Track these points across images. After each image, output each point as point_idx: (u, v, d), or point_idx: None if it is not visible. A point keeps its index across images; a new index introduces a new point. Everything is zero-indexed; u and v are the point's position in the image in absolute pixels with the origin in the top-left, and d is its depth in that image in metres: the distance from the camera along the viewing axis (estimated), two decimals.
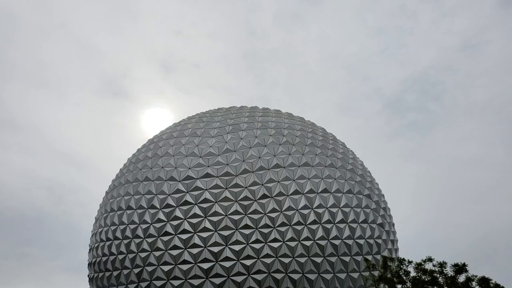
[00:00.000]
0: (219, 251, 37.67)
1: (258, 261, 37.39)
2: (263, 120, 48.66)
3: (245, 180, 41.07)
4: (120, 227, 42.12)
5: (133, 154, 51.93)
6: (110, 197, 46.80)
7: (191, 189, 40.95)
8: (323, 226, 39.42)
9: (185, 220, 39.34)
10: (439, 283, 26.57)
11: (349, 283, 39.03)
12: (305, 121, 52.92)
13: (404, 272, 27.59)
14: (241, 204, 39.58)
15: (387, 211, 47.92)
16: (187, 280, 37.39)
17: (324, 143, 47.30)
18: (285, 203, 39.61)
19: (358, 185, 44.63)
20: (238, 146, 44.11)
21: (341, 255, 39.26)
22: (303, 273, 37.71)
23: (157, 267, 38.47)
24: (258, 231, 38.42)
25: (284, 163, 42.55)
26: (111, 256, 41.76)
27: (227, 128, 47.08)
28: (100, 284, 43.08)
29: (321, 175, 42.61)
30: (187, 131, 48.29)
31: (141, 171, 45.48)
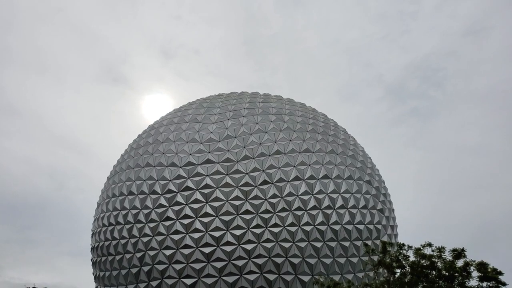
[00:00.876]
0: (220, 236, 38.08)
1: (258, 246, 37.84)
2: (264, 106, 48.56)
3: (246, 166, 41.23)
4: (122, 212, 42.50)
5: (134, 140, 52.03)
6: (112, 183, 47.09)
7: (192, 175, 41.16)
8: (323, 212, 39.76)
9: (186, 205, 39.66)
10: (437, 267, 26.88)
11: (349, 268, 39.57)
12: (306, 107, 52.79)
13: (403, 257, 27.89)
14: (242, 190, 39.83)
15: (387, 197, 48.25)
16: (189, 264, 37.91)
17: (325, 129, 47.30)
18: (286, 189, 39.86)
19: (358, 171, 44.82)
20: (239, 132, 44.13)
21: (340, 240, 39.70)
22: (303, 257, 38.19)
23: (159, 252, 38.95)
24: (258, 216, 38.77)
25: (284, 149, 42.64)
26: (114, 241, 42.25)
27: (227, 114, 47.03)
28: (103, 268, 43.72)
29: (321, 161, 42.75)
30: (188, 117, 48.25)
31: (142, 156, 45.64)
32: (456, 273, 26.20)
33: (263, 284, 37.37)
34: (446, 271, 26.66)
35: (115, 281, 42.09)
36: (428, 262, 27.11)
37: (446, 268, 26.66)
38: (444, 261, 27.18)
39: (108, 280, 42.95)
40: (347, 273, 39.25)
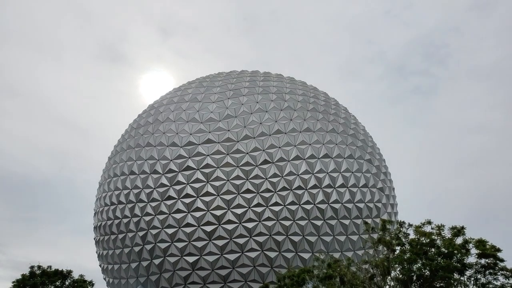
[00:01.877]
0: (222, 215, 38.44)
1: (259, 224, 38.25)
2: (264, 85, 48.12)
3: (247, 146, 41.21)
4: (124, 192, 42.77)
5: (134, 119, 51.85)
6: (113, 163, 47.21)
7: (193, 155, 41.20)
8: (323, 191, 40.00)
9: (187, 184, 39.86)
10: (437, 245, 27.19)
11: (349, 245, 40.11)
12: (307, 85, 52.33)
13: (403, 235, 28.19)
14: (242, 170, 39.95)
15: (387, 175, 48.44)
16: (191, 242, 38.42)
17: (326, 108, 47.03)
18: (286, 169, 39.97)
19: (359, 150, 44.82)
20: (239, 112, 43.90)
21: (340, 218, 40.08)
22: (303, 235, 38.67)
23: (161, 230, 39.41)
24: (259, 195, 39.02)
25: (285, 129, 42.51)
26: (116, 220, 42.70)
27: (227, 93, 46.66)
28: (106, 247, 44.36)
29: (322, 140, 42.69)
30: (188, 96, 47.91)
31: (142, 136, 45.58)
32: (455, 251, 26.54)
33: (264, 261, 37.98)
34: (445, 248, 26.99)
35: (118, 259, 42.79)
36: (427, 240, 27.43)
37: (445, 246, 26.99)
38: (444, 239, 27.49)
39: (112, 258, 43.65)
40: (347, 251, 39.80)
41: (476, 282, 26.28)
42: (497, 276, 25.92)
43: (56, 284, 29.23)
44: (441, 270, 25.55)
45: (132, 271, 41.45)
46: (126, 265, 41.94)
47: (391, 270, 27.44)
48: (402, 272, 26.76)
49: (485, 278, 26.21)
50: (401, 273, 26.89)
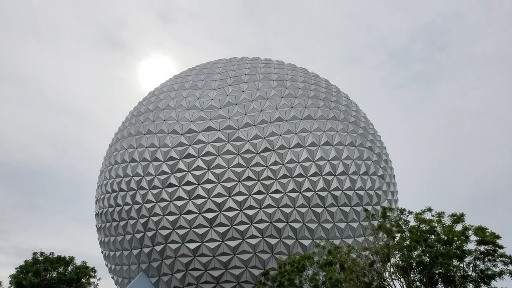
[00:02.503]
0: (223, 202, 38.62)
1: (260, 211, 38.45)
2: (265, 72, 47.80)
3: (247, 133, 41.15)
4: (125, 179, 42.90)
5: (135, 107, 51.69)
6: (114, 150, 47.24)
7: (193, 142, 41.17)
8: (324, 178, 40.08)
9: (188, 172, 39.94)
10: (436, 232, 27.34)
11: (349, 232, 40.38)
12: (308, 72, 51.97)
13: (403, 222, 28.32)
14: (243, 157, 39.97)
15: (388, 163, 48.48)
16: (192, 229, 38.68)
17: (327, 95, 46.80)
18: (287, 156, 39.99)
19: (360, 138, 44.77)
20: (240, 99, 43.70)
21: (341, 205, 40.26)
22: (303, 222, 38.90)
23: (162, 217, 39.64)
24: (260, 183, 39.13)
25: (286, 116, 42.38)
26: (117, 207, 42.93)
27: (228, 80, 46.39)
28: (108, 233, 44.70)
29: (323, 128, 42.60)
30: (188, 83, 47.65)
31: (143, 124, 45.50)
32: (455, 238, 26.70)
33: (264, 248, 38.30)
34: (445, 235, 27.16)
35: (120, 246, 43.16)
36: (427, 227, 27.57)
37: (445, 233, 27.15)
38: (443, 226, 27.63)
39: (113, 245, 44.03)
40: (347, 238, 40.09)
41: (475, 268, 26.51)
42: (496, 262, 26.13)
43: (58, 271, 29.54)
44: (441, 257, 25.75)
45: (133, 257, 41.87)
46: (128, 251, 42.32)
47: (391, 257, 27.66)
48: (402, 259, 26.97)
49: (484, 265, 26.42)
50: (401, 260, 27.12)
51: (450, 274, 26.14)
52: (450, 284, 26.18)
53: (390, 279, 27.35)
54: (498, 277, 25.62)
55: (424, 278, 26.75)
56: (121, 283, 45.85)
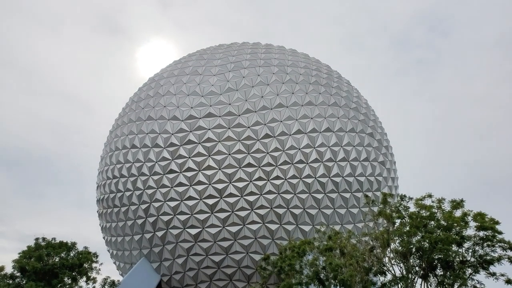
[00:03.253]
0: (223, 188, 38.74)
1: (261, 197, 38.59)
2: (266, 57, 47.37)
3: (248, 119, 41.01)
4: (126, 165, 42.96)
5: (135, 93, 51.42)
6: (114, 136, 47.18)
7: (194, 129, 41.08)
8: (324, 164, 40.10)
9: (189, 158, 39.96)
10: (436, 218, 27.50)
11: (349, 218, 40.60)
12: (310, 58, 51.51)
13: (403, 208, 28.46)
14: (244, 144, 39.93)
15: (389, 149, 48.46)
16: (193, 215, 38.91)
17: (328, 81, 46.47)
18: (288, 143, 39.94)
19: (361, 124, 44.63)
20: (240, 85, 43.42)
21: (341, 191, 40.38)
22: (304, 208, 39.08)
23: (163, 203, 39.83)
24: (260, 169, 39.18)
25: (287, 103, 42.17)
26: (118, 193, 43.09)
27: (228, 66, 46.01)
28: (109, 219, 44.99)
29: (324, 114, 42.43)
30: (188, 69, 47.28)
31: (143, 110, 45.32)
32: (454, 223, 26.87)
33: (265, 233, 38.58)
34: (444, 221, 27.32)
35: (121, 232, 43.49)
36: (427, 213, 27.73)
37: (444, 219, 27.31)
38: (443, 212, 27.78)
39: (115, 230, 44.36)
40: (347, 223, 40.34)
41: (474, 254, 26.76)
42: (495, 248, 26.35)
43: (61, 256, 29.78)
44: (440, 243, 25.95)
45: (135, 243, 42.22)
46: (129, 237, 42.67)
47: (391, 242, 27.88)
48: (401, 244, 27.20)
49: (483, 250, 26.66)
50: (400, 246, 27.35)
51: (449, 260, 26.41)
52: (449, 269, 26.47)
53: (390, 264, 27.63)
54: (496, 262, 25.89)
55: (423, 263, 27.03)
56: (122, 268, 46.37)
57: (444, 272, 26.64)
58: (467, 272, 26.49)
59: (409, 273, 26.52)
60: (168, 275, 41.04)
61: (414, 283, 26.67)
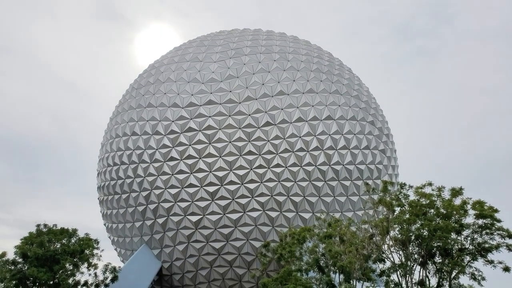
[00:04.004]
0: (224, 176, 38.82)
1: (261, 185, 38.70)
2: (267, 44, 46.93)
3: (249, 107, 40.85)
4: (126, 153, 42.97)
5: (135, 79, 51.13)
6: (115, 123, 47.08)
7: (194, 116, 40.96)
8: (325, 152, 40.10)
9: (190, 146, 39.94)
10: (436, 206, 27.58)
11: (349, 206, 40.77)
12: (311, 45, 51.03)
13: (403, 196, 28.52)
14: (244, 131, 39.86)
15: (389, 137, 48.38)
16: (194, 202, 39.07)
17: (330, 69, 46.13)
18: (288, 130, 39.86)
19: (362, 112, 44.47)
20: (241, 72, 43.13)
21: (341, 179, 40.46)
22: (304, 196, 39.22)
23: (164, 190, 39.97)
24: (261, 157, 39.19)
25: (288, 90, 41.93)
26: (119, 180, 43.20)
27: (229, 52, 45.63)
28: (110, 206, 45.21)
29: (325, 102, 42.25)
30: (189, 55, 46.90)
31: (143, 97, 45.12)
32: (453, 211, 26.96)
33: (265, 221, 38.80)
34: (444, 209, 27.41)
35: (122, 218, 43.74)
36: (427, 201, 27.80)
37: (444, 207, 27.39)
38: (443, 200, 27.85)
39: (116, 217, 44.61)
40: (347, 211, 40.52)
41: (472, 241, 26.91)
42: (493, 236, 26.49)
43: (62, 242, 29.99)
44: (439, 231, 26.09)
45: (136, 229, 42.51)
46: (130, 224, 42.93)
47: (390, 230, 28.03)
48: (401, 232, 27.35)
49: (482, 238, 26.80)
50: (400, 233, 27.50)
51: (447, 247, 26.59)
52: (448, 257, 26.66)
53: (389, 252, 27.83)
54: (495, 250, 26.04)
55: (422, 251, 27.23)
56: (123, 255, 46.78)
57: (443, 259, 26.85)
58: (465, 260, 26.70)
59: (408, 261, 26.73)
60: (168, 261, 41.44)
61: (413, 270, 26.91)
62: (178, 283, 42.29)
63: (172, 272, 41.96)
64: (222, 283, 40.93)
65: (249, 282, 40.40)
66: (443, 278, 26.54)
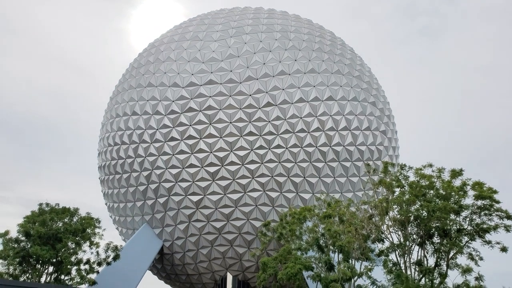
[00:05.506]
0: (225, 156, 38.84)
1: (262, 166, 38.77)
2: (268, 23, 46.12)
3: (249, 87, 40.51)
4: (127, 132, 42.88)
5: (135, 59, 50.53)
6: (115, 103, 46.82)
7: (195, 96, 40.67)
8: (326, 133, 40.01)
9: (190, 126, 39.82)
10: (435, 187, 27.63)
11: (349, 187, 40.95)
12: (313, 24, 50.16)
13: (404, 177, 28.54)
14: (245, 112, 39.65)
15: (390, 118, 48.15)
16: (195, 182, 39.25)
17: (332, 48, 45.48)
18: (289, 111, 39.64)
19: (363, 92, 44.12)
20: (242, 51, 42.56)
21: (342, 160, 40.50)
22: (304, 176, 39.35)
23: (165, 170, 40.08)
24: (262, 138, 39.12)
25: (289, 70, 41.48)
26: (120, 160, 43.25)
27: (230, 31, 44.91)
28: (111, 186, 45.43)
29: (327, 82, 41.86)
30: (189, 34, 46.20)
31: (143, 76, 44.70)
32: (452, 192, 27.02)
33: (265, 201, 39.05)
34: (443, 190, 27.47)
35: (123, 198, 44.04)
36: (427, 182, 27.83)
37: (443, 188, 27.44)
38: (443, 181, 27.88)
39: (117, 197, 44.90)
40: (346, 192, 40.71)
41: (471, 222, 27.07)
42: (491, 217, 26.61)
43: (64, 221, 30.26)
44: (438, 211, 26.22)
45: (137, 209, 42.85)
46: (132, 203, 43.24)
47: (389, 210, 28.18)
48: (400, 212, 27.49)
49: (480, 219, 26.95)
50: (399, 214, 27.65)
51: (446, 228, 26.77)
52: (446, 237, 26.89)
53: (388, 232, 28.06)
54: (493, 231, 26.22)
55: (421, 231, 27.43)
56: (125, 234, 47.32)
57: (441, 240, 27.07)
58: (463, 240, 26.92)
59: (407, 241, 26.96)
60: (170, 240, 41.95)
61: (411, 250, 27.19)
62: (179, 261, 42.96)
63: (173, 251, 42.56)
64: (222, 261, 41.56)
65: (249, 261, 41.02)
66: (440, 258, 26.84)
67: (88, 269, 30.45)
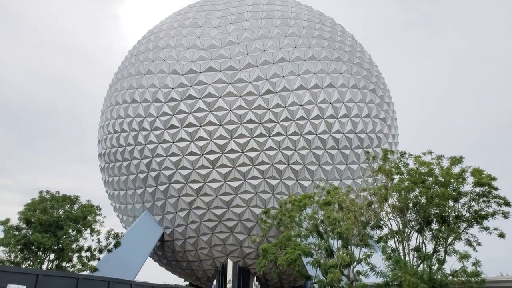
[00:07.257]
0: (225, 144, 38.91)
1: (262, 153, 38.87)
2: (268, 9, 45.70)
3: (249, 74, 40.34)
4: (127, 120, 42.86)
5: (134, 46, 50.19)
6: (114, 90, 46.68)
7: (194, 83, 40.53)
8: (325, 121, 40.01)
9: (190, 114, 39.78)
10: (434, 174, 27.74)
11: (348, 174, 41.13)
12: (313, 10, 49.71)
13: (403, 164, 28.63)
14: (245, 100, 39.57)
15: (390, 106, 48.11)
16: (195, 170, 39.39)
17: (332, 35, 45.17)
18: (289, 99, 39.56)
19: (364, 80, 43.98)
20: (242, 38, 42.26)
21: (341, 148, 40.60)
22: (304, 164, 39.49)
23: (165, 158, 40.19)
24: (262, 125, 39.12)
25: (289, 57, 41.25)
26: (120, 148, 43.33)
27: (229, 18, 44.52)
28: (111, 174, 45.60)
29: (327, 69, 41.69)
30: (188, 21, 45.80)
31: (143, 63, 44.47)
32: (451, 179, 27.14)
33: (265, 188, 39.26)
34: (442, 177, 27.59)
35: (124, 186, 44.24)
36: (426, 169, 27.93)
37: (442, 175, 27.56)
38: (442, 168, 27.98)
39: (117, 184, 45.11)
40: (346, 179, 40.90)
41: (469, 209, 27.25)
42: (490, 203, 26.79)
43: (65, 209, 30.40)
44: (437, 198, 26.38)
45: (138, 196, 43.08)
46: (132, 191, 43.46)
47: (389, 197, 28.34)
48: (399, 199, 27.66)
49: (478, 206, 27.13)
50: (398, 201, 27.83)
51: (444, 215, 26.98)
52: (444, 224, 27.11)
53: (387, 219, 28.27)
54: (491, 217, 26.43)
55: (419, 218, 27.64)
56: (126, 221, 47.69)
57: (440, 226, 27.29)
58: (461, 227, 27.15)
59: (405, 227, 27.19)
60: (170, 227, 42.30)
61: (410, 237, 27.44)
62: (179, 248, 43.40)
63: (174, 238, 42.95)
64: (223, 248, 41.99)
65: (250, 247, 41.46)
66: (439, 244, 27.09)
67: (89, 256, 30.71)
